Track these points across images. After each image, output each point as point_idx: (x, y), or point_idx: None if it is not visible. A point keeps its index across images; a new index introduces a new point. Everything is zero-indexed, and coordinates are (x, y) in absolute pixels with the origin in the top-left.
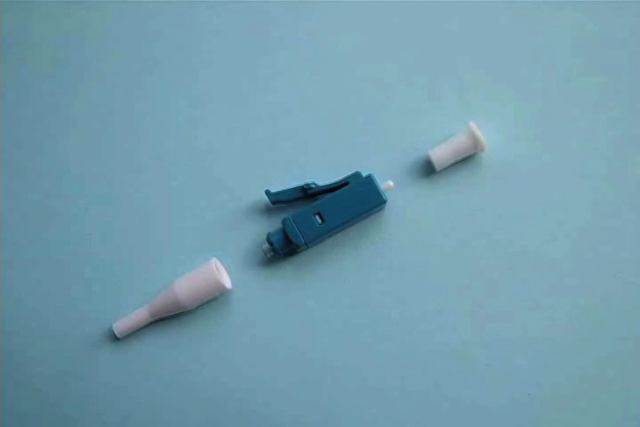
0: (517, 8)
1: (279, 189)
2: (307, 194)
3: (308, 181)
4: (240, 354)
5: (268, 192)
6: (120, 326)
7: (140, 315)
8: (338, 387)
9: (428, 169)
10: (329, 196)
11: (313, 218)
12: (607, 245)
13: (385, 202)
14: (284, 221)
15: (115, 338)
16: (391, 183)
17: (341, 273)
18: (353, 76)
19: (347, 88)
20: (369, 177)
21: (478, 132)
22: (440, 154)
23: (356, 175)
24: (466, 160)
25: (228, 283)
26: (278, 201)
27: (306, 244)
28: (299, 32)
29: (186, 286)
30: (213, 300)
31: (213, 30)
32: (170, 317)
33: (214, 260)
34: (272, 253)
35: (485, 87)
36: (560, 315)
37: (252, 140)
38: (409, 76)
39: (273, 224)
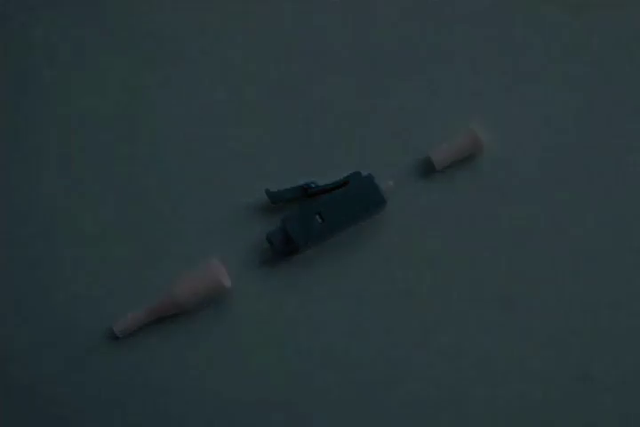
0: (517, 8)
1: (279, 189)
2: (307, 194)
3: (308, 180)
4: (240, 354)
5: (268, 191)
6: (120, 326)
7: (140, 315)
8: (338, 387)
9: (427, 169)
10: (329, 196)
11: (313, 218)
12: (607, 245)
13: (385, 202)
14: (284, 221)
15: (115, 338)
16: (391, 183)
17: (341, 273)
18: (353, 76)
19: (346, 88)
20: (369, 177)
21: (478, 132)
22: (440, 154)
23: (356, 175)
24: (466, 160)
25: (227, 283)
26: (278, 200)
27: (306, 244)
28: (298, 31)
29: (186, 286)
30: (213, 300)
31: (213, 30)
32: (170, 317)
33: (214, 260)
34: (272, 253)
35: (485, 87)
36: (560, 315)
37: (252, 139)
38: (409, 76)
39: (273, 224)
